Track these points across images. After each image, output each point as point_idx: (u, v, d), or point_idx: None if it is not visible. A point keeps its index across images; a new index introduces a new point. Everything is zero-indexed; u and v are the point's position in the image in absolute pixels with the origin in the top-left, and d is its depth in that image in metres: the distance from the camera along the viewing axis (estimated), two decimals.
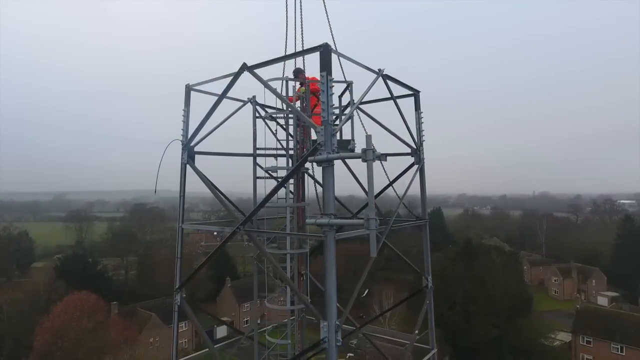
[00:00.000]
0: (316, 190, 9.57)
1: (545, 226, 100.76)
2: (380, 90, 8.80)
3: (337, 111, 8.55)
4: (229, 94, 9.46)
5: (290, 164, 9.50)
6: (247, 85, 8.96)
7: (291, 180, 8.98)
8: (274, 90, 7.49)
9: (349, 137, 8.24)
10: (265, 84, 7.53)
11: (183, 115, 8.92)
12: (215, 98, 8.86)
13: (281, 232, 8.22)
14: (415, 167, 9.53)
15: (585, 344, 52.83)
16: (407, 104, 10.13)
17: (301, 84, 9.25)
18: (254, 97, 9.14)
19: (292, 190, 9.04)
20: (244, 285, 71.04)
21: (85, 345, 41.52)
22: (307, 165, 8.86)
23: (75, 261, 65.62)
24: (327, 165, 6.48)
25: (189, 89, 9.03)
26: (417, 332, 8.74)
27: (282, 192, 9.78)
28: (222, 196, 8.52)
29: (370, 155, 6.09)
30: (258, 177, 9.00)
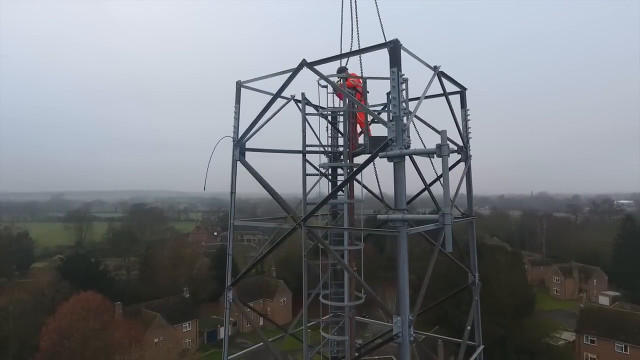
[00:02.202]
0: (362, 189, 9.61)
1: (545, 226, 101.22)
2: (416, 87, 8.89)
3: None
4: (271, 90, 9.47)
5: (326, 161, 9.54)
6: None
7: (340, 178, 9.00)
8: (337, 87, 7.50)
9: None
10: (327, 80, 7.53)
11: (235, 112, 8.90)
12: (254, 94, 8.87)
13: (343, 227, 8.22)
14: (462, 164, 9.54)
15: (589, 343, 53.12)
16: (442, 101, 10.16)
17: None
18: (303, 94, 9.13)
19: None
20: (247, 286, 70.91)
21: (91, 345, 41.36)
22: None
23: (78, 261, 65.32)
24: (398, 161, 6.48)
25: (239, 85, 9.00)
26: (469, 328, 8.76)
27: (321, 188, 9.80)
28: (276, 193, 8.48)
29: (445, 150, 6.11)
30: (308, 174, 9.00)
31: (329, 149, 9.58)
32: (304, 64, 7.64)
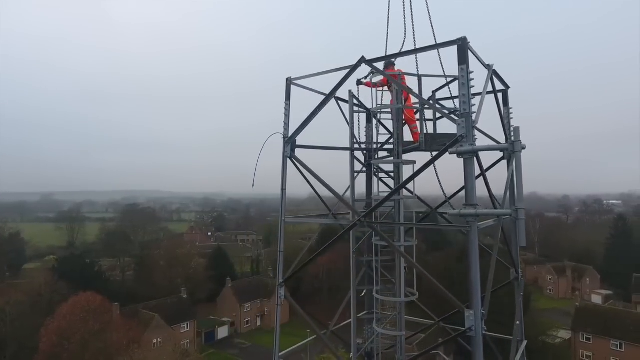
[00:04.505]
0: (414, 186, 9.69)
1: (538, 226, 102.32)
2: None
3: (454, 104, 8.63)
4: (319, 88, 9.50)
5: (362, 159, 9.63)
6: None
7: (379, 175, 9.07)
8: (399, 85, 7.54)
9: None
10: (389, 77, 7.58)
11: (285, 109, 8.91)
12: (299, 91, 8.94)
13: (404, 223, 8.27)
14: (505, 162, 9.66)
15: (585, 341, 53.79)
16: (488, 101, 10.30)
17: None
18: (350, 92, 9.18)
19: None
20: (245, 286, 70.73)
21: (91, 346, 40.92)
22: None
23: (73, 262, 64.55)
24: (469, 157, 6.55)
25: (289, 82, 9.01)
26: (518, 322, 8.88)
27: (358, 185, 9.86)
28: (333, 190, 8.51)
29: (518, 146, 6.21)
30: (355, 172, 9.05)
31: (374, 146, 9.65)
32: (362, 61, 7.69)
